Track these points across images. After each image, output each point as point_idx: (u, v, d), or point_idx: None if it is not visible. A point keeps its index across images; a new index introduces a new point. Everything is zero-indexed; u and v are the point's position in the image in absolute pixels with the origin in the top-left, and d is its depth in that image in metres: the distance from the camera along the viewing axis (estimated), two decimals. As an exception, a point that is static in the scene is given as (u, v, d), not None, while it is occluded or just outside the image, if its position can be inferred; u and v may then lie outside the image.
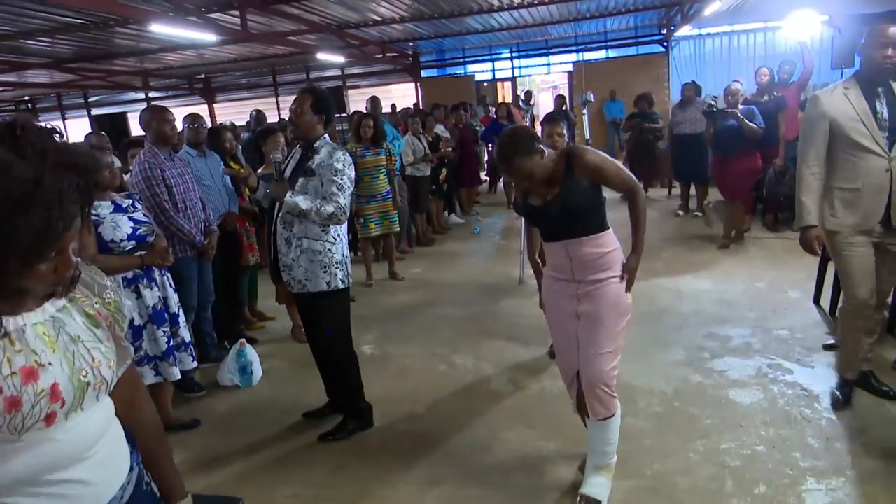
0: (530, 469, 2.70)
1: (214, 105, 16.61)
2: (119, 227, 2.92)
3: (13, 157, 0.88)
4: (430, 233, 7.67)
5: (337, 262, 2.92)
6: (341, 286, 2.94)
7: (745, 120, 5.62)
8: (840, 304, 3.14)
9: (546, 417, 3.12)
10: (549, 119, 3.66)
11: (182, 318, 3.23)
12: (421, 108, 13.90)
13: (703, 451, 2.72)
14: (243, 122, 15.39)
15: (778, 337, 3.83)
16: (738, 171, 5.87)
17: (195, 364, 3.31)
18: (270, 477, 2.84)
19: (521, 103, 11.33)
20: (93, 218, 2.86)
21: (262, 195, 3.47)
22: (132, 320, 2.94)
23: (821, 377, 3.29)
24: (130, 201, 3.08)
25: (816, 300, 4.34)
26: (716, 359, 3.63)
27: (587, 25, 12.50)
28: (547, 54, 14.46)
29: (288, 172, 2.97)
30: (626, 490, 2.50)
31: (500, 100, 15.11)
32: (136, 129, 16.35)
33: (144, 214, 3.14)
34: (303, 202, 2.81)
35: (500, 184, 10.96)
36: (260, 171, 4.49)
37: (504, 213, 8.98)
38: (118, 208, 2.99)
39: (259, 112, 7.31)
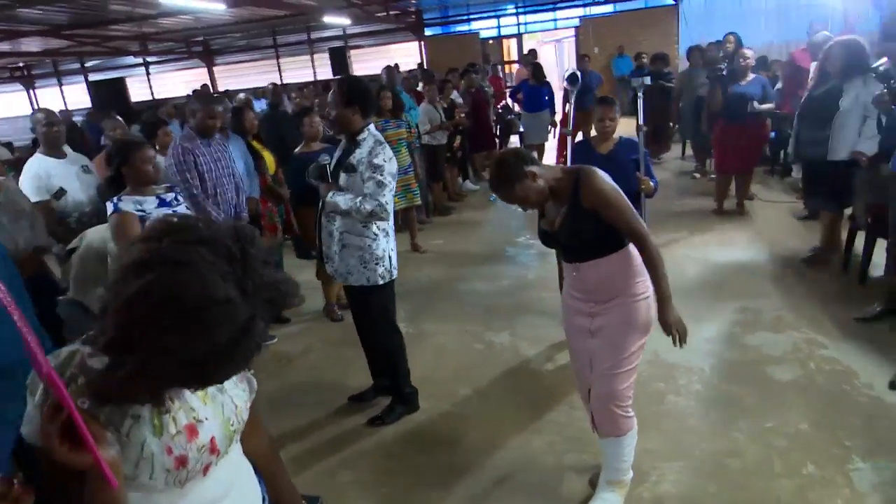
0: (581, 449, 2.78)
1: (214, 68, 16.32)
2: (165, 222, 2.93)
3: (237, 295, 0.87)
4: (446, 201, 7.67)
5: (377, 258, 2.92)
6: (381, 282, 2.96)
7: (757, 106, 5.47)
8: None
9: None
10: (602, 101, 3.50)
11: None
12: (426, 68, 13.71)
13: (748, 431, 2.80)
14: (244, 87, 15.24)
15: (809, 310, 3.89)
16: (752, 140, 5.78)
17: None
18: (326, 462, 2.92)
19: (565, 78, 11.12)
20: (139, 214, 2.87)
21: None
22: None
23: (855, 353, 3.35)
24: (173, 195, 3.07)
25: (844, 268, 4.39)
26: (749, 334, 3.69)
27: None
28: (553, 9, 14.17)
29: (332, 164, 2.96)
30: (676, 471, 2.59)
31: (505, 58, 14.90)
32: (136, 94, 16.16)
33: (187, 207, 3.15)
34: (343, 202, 2.80)
35: (517, 145, 10.88)
36: (298, 150, 4.46)
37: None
38: (162, 203, 2.99)
39: (275, 86, 7.20)
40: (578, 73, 3.88)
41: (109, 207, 2.86)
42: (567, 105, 9.42)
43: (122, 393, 0.98)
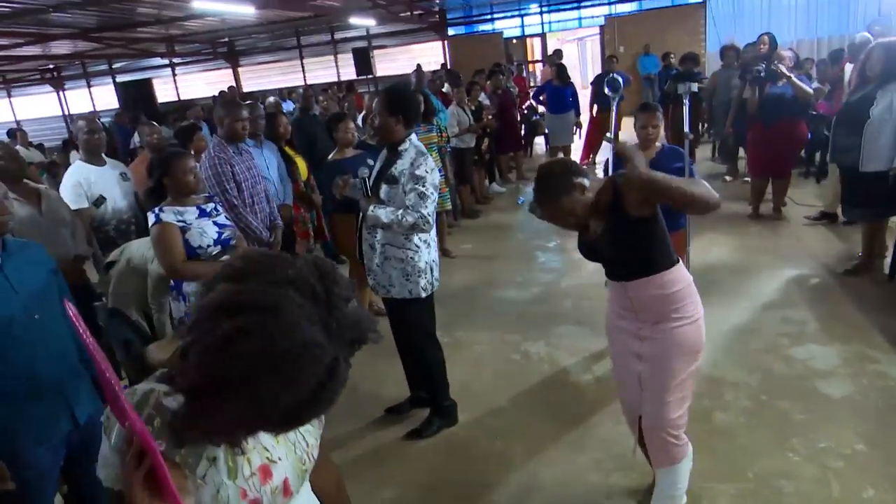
0: (629, 468, 2.71)
1: (239, 69, 16.42)
2: (205, 233, 2.92)
3: (324, 338, 0.84)
4: (473, 204, 7.62)
5: (420, 270, 2.88)
6: (423, 295, 2.92)
7: (797, 81, 5.34)
8: None
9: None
10: (645, 107, 3.41)
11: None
12: (449, 68, 13.65)
13: (802, 451, 2.71)
14: (269, 88, 15.31)
15: (856, 321, 3.78)
16: (789, 142, 5.63)
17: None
18: (367, 477, 2.89)
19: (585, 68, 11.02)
20: (180, 224, 2.86)
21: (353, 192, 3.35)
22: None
23: (909, 367, 3.24)
24: (213, 205, 3.06)
25: (890, 278, 4.26)
26: (795, 346, 3.59)
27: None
28: (578, 7, 14.03)
29: (373, 176, 2.92)
30: (730, 495, 2.51)
31: (529, 57, 14.79)
32: (162, 95, 16.32)
33: (226, 217, 3.14)
34: (384, 215, 2.75)
35: (542, 146, 10.81)
36: (331, 156, 4.44)
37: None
38: (202, 213, 2.97)
39: (307, 89, 7.18)
40: (620, 79, 3.77)
41: (151, 218, 2.85)
42: (596, 109, 9.34)
43: (202, 435, 0.95)
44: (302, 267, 0.90)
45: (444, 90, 8.30)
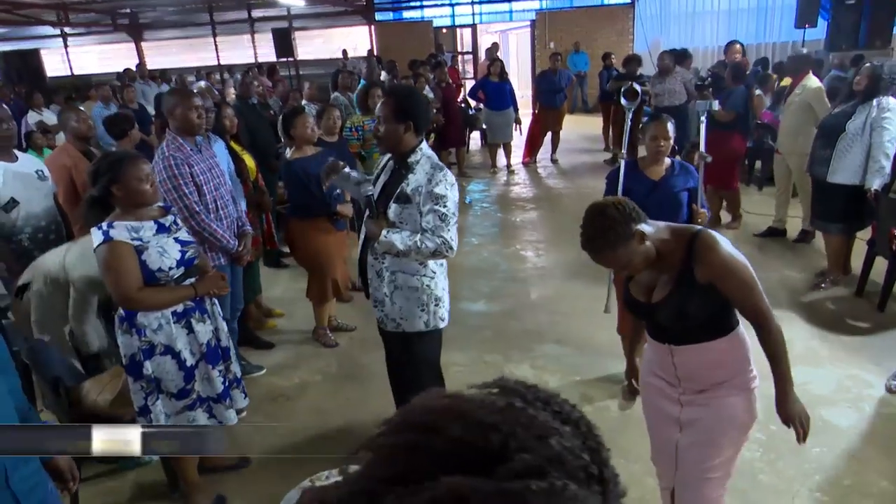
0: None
1: (142, 44, 15.07)
2: (166, 253, 2.42)
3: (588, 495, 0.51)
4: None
5: (437, 298, 2.55)
6: (441, 325, 2.60)
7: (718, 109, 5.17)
8: None
9: (635, 442, 2.89)
10: (656, 118, 3.15)
11: (233, 350, 2.79)
12: (375, 55, 13.14)
13: (830, 490, 2.60)
14: (176, 67, 14.12)
15: (838, 342, 3.77)
16: (725, 155, 5.57)
17: (247, 401, 2.88)
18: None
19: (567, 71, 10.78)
20: (135, 244, 2.35)
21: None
22: (184, 361, 2.49)
23: (903, 391, 3.24)
24: (172, 218, 2.55)
25: (859, 294, 4.32)
26: (787, 367, 3.52)
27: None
28: (510, 0, 13.90)
29: (376, 191, 2.50)
30: (771, 545, 2.35)
31: (459, 49, 14.52)
32: (51, 69, 14.72)
33: (187, 232, 2.64)
34: (400, 241, 2.38)
35: (477, 141, 10.57)
36: (289, 154, 3.95)
37: (487, 177, 8.63)
38: (161, 228, 2.47)
39: (245, 74, 6.51)
40: (638, 88, 3.50)
41: (97, 236, 2.32)
42: (538, 106, 9.12)
43: None
44: (566, 433, 0.57)
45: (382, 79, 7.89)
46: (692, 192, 3.07)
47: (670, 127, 3.06)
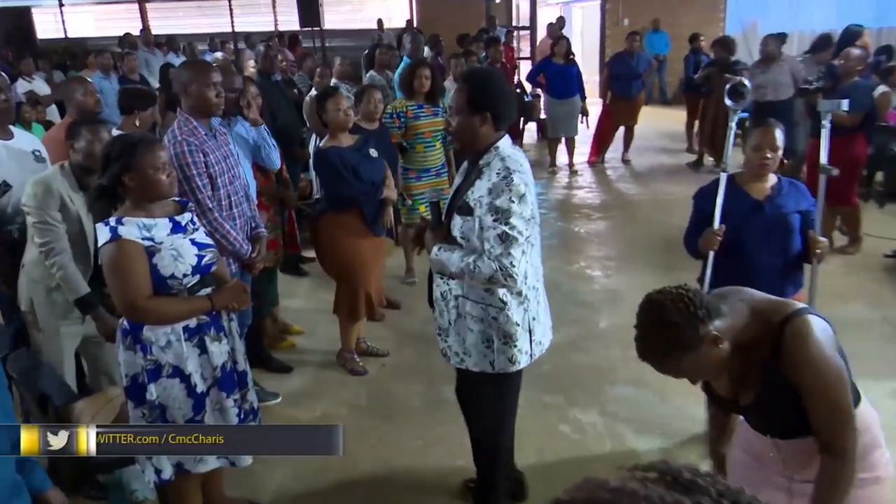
0: None
1: (146, 5, 15.38)
2: (181, 257, 2.41)
3: None
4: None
5: (508, 335, 2.44)
6: (511, 369, 2.50)
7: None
8: None
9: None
10: (761, 122, 2.93)
11: (250, 376, 2.77)
12: (416, 27, 13.18)
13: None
14: (184, 33, 14.38)
15: None
16: (842, 162, 5.37)
17: (265, 437, 2.85)
18: None
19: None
20: (146, 244, 2.34)
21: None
22: (194, 386, 2.47)
23: None
24: (189, 216, 2.55)
25: None
26: None
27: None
28: (577, -32, 13.81)
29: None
30: None
31: (514, 23, 14.48)
32: (42, 32, 15.15)
33: (205, 233, 2.63)
34: (451, 261, 2.32)
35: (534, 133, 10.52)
36: (322, 143, 3.94)
37: (545, 178, 8.53)
38: (177, 228, 2.47)
39: (270, 43, 6.58)
40: (748, 84, 3.32)
41: (104, 233, 2.32)
42: (610, 96, 8.94)
43: None
44: None
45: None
46: (805, 216, 2.91)
47: (779, 135, 2.83)
